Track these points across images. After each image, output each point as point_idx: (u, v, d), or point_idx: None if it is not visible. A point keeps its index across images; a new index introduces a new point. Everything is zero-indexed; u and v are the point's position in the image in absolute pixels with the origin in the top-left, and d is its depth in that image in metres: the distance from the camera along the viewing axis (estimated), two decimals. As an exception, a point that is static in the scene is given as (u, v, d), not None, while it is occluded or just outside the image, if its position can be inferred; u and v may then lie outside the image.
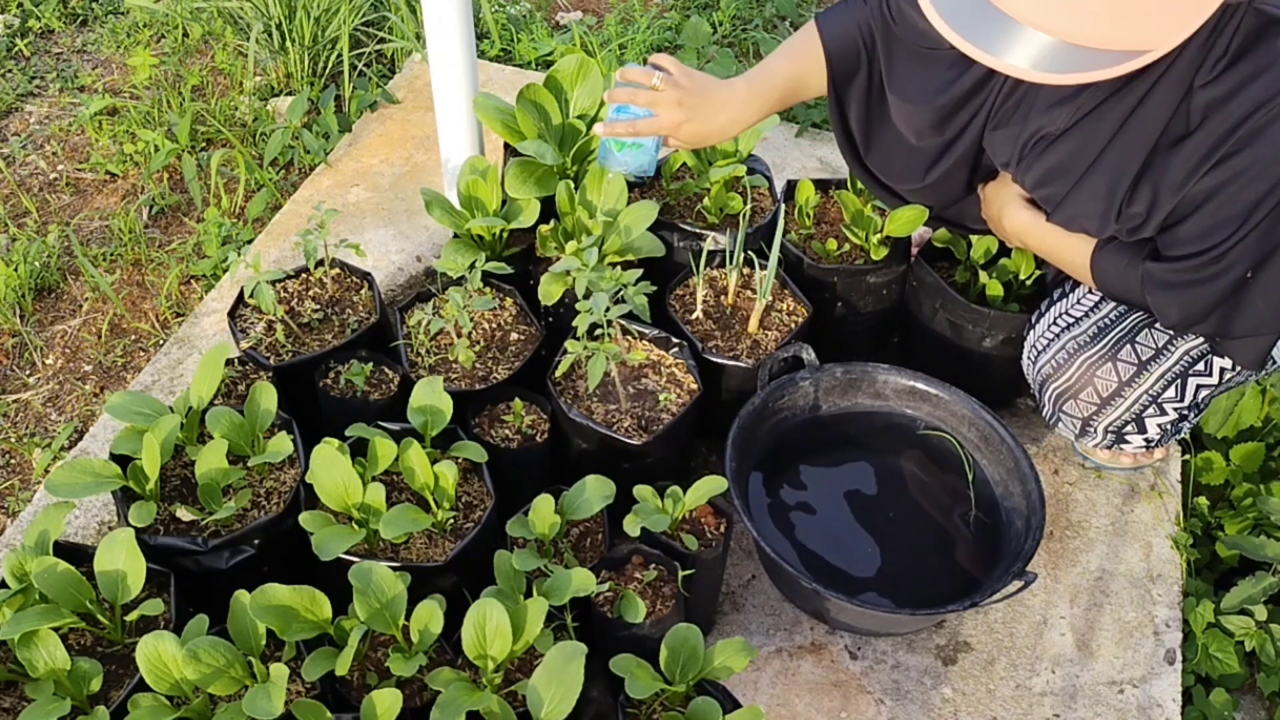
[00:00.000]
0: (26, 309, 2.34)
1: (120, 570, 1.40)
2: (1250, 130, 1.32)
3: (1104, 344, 1.65)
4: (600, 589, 1.46)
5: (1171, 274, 1.46)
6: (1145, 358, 1.63)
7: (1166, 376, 1.63)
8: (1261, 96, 1.31)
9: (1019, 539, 1.65)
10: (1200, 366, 1.63)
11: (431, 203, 1.89)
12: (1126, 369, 1.64)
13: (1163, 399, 1.66)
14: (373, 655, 1.45)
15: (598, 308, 1.62)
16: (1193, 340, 1.61)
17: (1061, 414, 1.75)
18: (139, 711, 1.28)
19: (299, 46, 2.84)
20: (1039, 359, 1.74)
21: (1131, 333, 1.65)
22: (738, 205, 1.97)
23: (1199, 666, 1.74)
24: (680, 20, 3.17)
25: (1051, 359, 1.71)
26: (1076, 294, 1.74)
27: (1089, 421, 1.73)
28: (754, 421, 1.75)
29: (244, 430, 1.58)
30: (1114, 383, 1.66)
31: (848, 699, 1.65)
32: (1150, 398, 1.66)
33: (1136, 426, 1.71)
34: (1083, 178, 1.51)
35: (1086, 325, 1.69)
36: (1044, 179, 1.56)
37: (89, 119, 2.76)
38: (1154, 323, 1.64)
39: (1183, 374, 1.63)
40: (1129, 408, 1.68)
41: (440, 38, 1.93)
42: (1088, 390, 1.68)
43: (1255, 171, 1.33)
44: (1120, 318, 1.67)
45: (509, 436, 1.71)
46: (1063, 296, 1.76)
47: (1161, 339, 1.63)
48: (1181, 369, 1.63)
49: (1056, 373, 1.71)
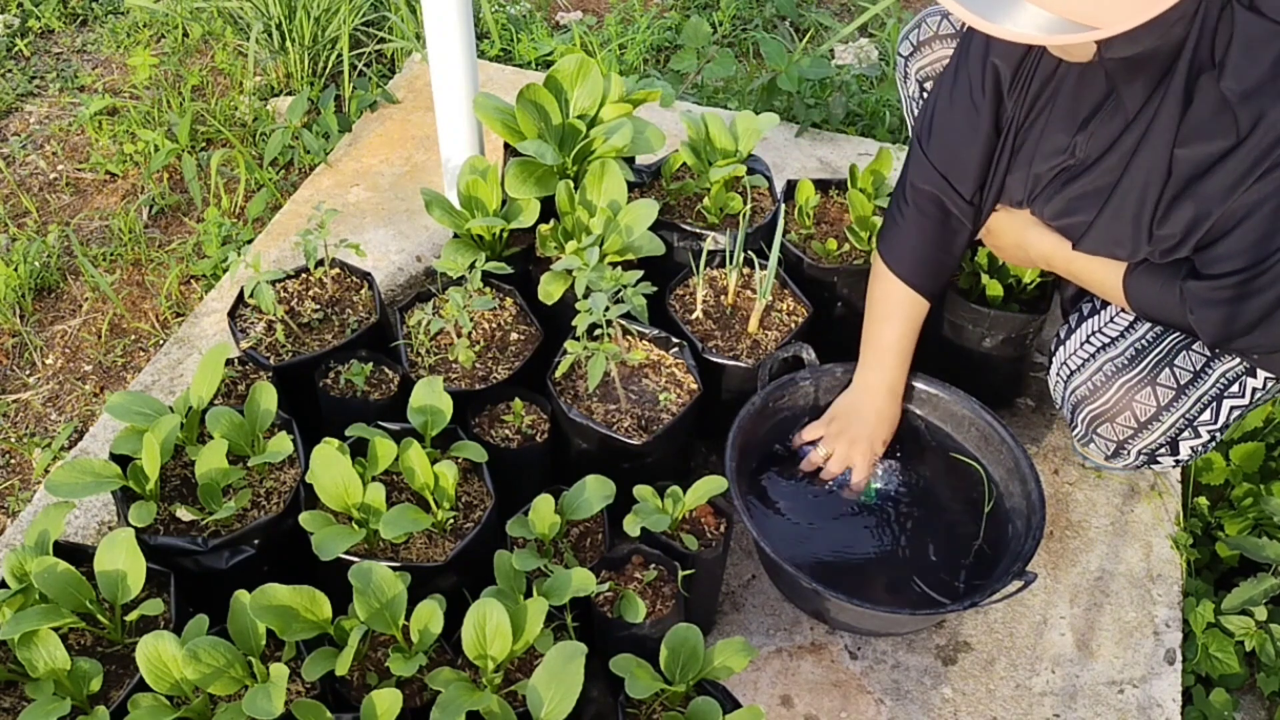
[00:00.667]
0: (26, 309, 2.34)
1: (120, 570, 1.40)
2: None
3: (1143, 367, 1.61)
4: (600, 589, 1.46)
5: (1215, 291, 1.43)
6: (1184, 382, 1.59)
7: (1203, 400, 1.60)
8: None
9: (1019, 539, 1.65)
10: (1235, 388, 1.60)
11: (431, 203, 1.89)
12: (1165, 393, 1.60)
13: (1198, 422, 1.62)
14: (373, 655, 1.45)
15: (597, 308, 1.62)
16: (1229, 362, 1.58)
17: (1096, 436, 1.71)
18: (139, 711, 1.28)
19: (299, 46, 2.85)
20: (1072, 380, 1.69)
21: (1170, 355, 1.60)
22: (738, 205, 1.97)
23: (1199, 666, 1.74)
24: (680, 20, 3.17)
25: (1088, 381, 1.66)
26: (1108, 312, 1.69)
27: (1124, 444, 1.69)
28: (754, 421, 1.75)
29: (244, 430, 1.58)
30: (1153, 407, 1.61)
31: (848, 699, 1.65)
32: (1186, 421, 1.62)
33: (1170, 449, 1.67)
34: (1105, 205, 1.49)
35: (1123, 347, 1.63)
36: (1065, 210, 1.55)
37: (89, 119, 2.76)
38: (1191, 344, 1.60)
39: (1219, 397, 1.60)
40: (1165, 431, 1.63)
41: (440, 38, 1.93)
42: (1125, 415, 1.63)
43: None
44: (1157, 339, 1.62)
45: (509, 436, 1.71)
46: (1094, 313, 1.70)
47: (1199, 362, 1.59)
48: (1218, 392, 1.60)
49: (1093, 395, 1.66)
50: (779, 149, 2.62)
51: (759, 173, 2.05)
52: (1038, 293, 1.90)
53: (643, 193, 2.05)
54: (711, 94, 2.88)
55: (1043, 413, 2.06)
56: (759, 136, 1.99)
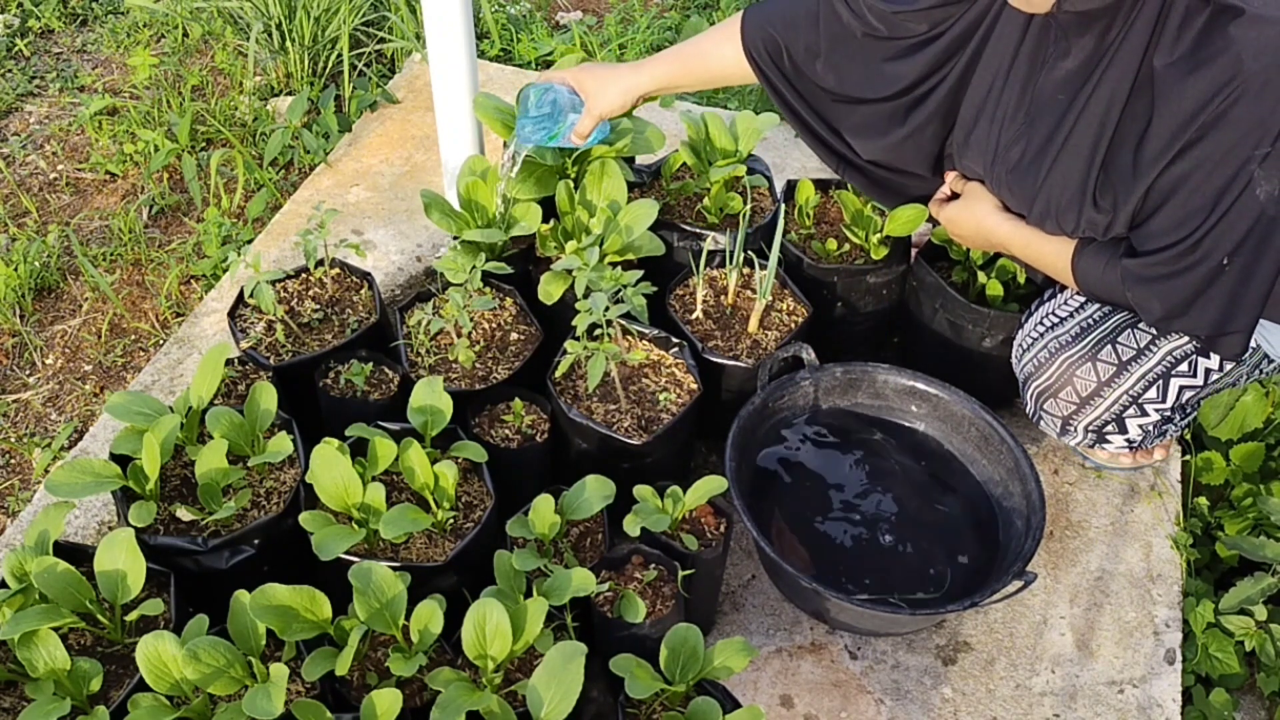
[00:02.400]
0: (26, 309, 2.34)
1: (120, 570, 1.40)
2: (1211, 116, 1.32)
3: (1085, 344, 1.66)
4: (600, 589, 1.46)
5: (1149, 268, 1.46)
6: (1126, 358, 1.63)
7: (1148, 377, 1.64)
8: (1220, 79, 1.30)
9: (1019, 539, 1.65)
10: (1184, 368, 1.63)
11: (431, 205, 1.89)
12: (1106, 369, 1.65)
13: (1143, 399, 1.66)
14: (373, 655, 1.45)
15: (597, 308, 1.62)
16: (1177, 340, 1.62)
17: (1042, 412, 1.77)
18: (139, 711, 1.28)
19: (299, 46, 2.85)
20: (1023, 357, 1.75)
21: (1113, 333, 1.66)
22: (738, 205, 1.97)
23: (1199, 666, 1.74)
24: (680, 20, 3.17)
25: (1034, 357, 1.73)
26: (1065, 294, 1.75)
27: (1069, 420, 1.74)
28: (754, 421, 1.75)
29: (244, 430, 1.58)
30: (1093, 382, 1.67)
31: (848, 699, 1.65)
32: (1130, 398, 1.66)
33: (1117, 426, 1.72)
34: (1053, 166, 1.51)
35: (1070, 325, 1.70)
36: (1017, 174, 1.57)
37: (89, 119, 2.76)
38: (1137, 323, 1.64)
39: (1165, 375, 1.63)
40: (1109, 408, 1.68)
41: (440, 38, 1.93)
42: (1067, 389, 1.69)
43: (1219, 158, 1.33)
44: (1104, 318, 1.67)
45: (509, 436, 1.71)
46: (1052, 297, 1.77)
47: (1144, 339, 1.63)
48: (1164, 369, 1.63)
49: (1038, 371, 1.72)
50: (779, 149, 2.62)
51: (759, 173, 2.05)
52: (1033, 291, 1.90)
53: (643, 193, 2.05)
54: (711, 94, 2.89)
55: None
56: (759, 136, 1.99)
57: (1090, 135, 1.45)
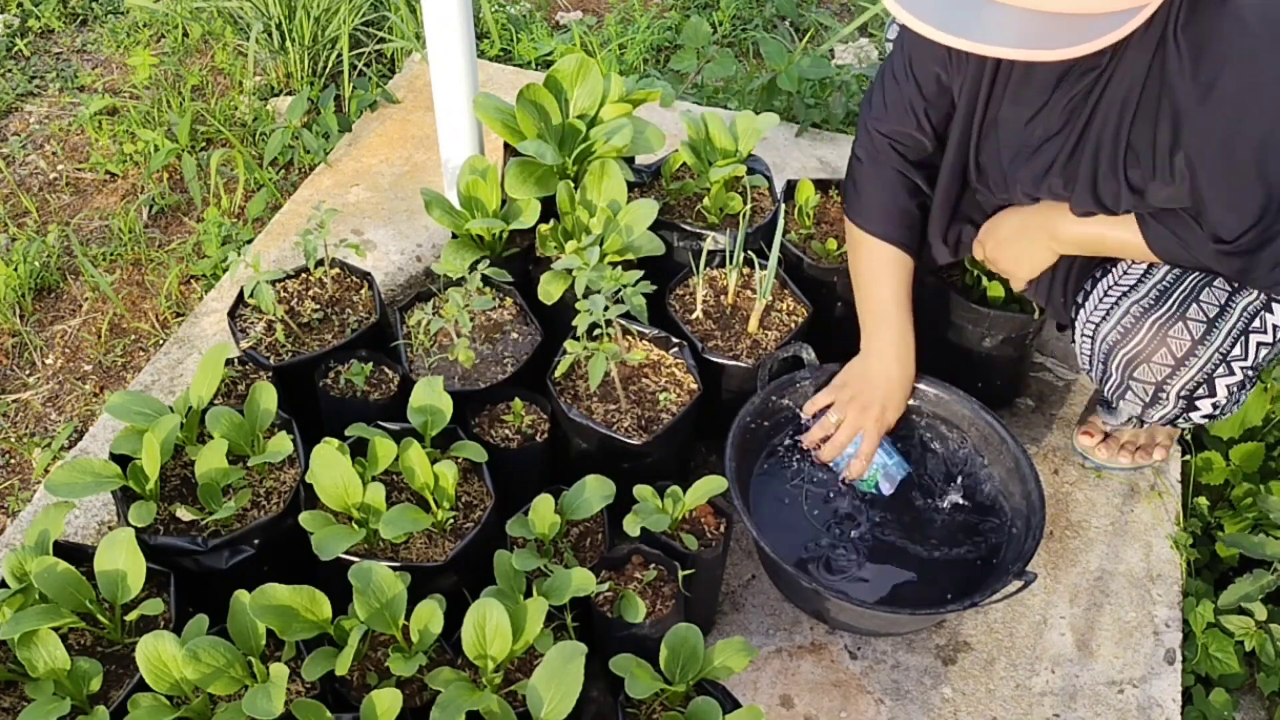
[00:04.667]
0: (26, 309, 2.34)
1: (120, 570, 1.40)
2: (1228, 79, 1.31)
3: (1170, 304, 1.58)
4: (600, 589, 1.46)
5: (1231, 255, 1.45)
6: (1212, 315, 1.57)
7: (1233, 334, 1.57)
8: (1231, 41, 1.31)
9: (1019, 539, 1.65)
10: (1256, 323, 1.58)
11: (431, 203, 1.89)
12: (1198, 327, 1.57)
13: (1231, 357, 1.59)
14: (373, 655, 1.45)
15: (597, 308, 1.62)
16: (1248, 295, 1.57)
17: (1132, 381, 1.66)
18: (139, 711, 1.28)
19: (299, 46, 2.85)
20: (1100, 330, 1.65)
21: (1194, 291, 1.58)
22: (738, 205, 1.97)
23: (1199, 666, 1.74)
24: (680, 20, 3.17)
25: (1117, 325, 1.62)
26: (1121, 266, 1.67)
27: (1162, 386, 1.63)
28: (754, 421, 1.75)
29: (244, 430, 1.58)
30: (1187, 342, 1.58)
31: (848, 699, 1.65)
32: (1220, 356, 1.58)
33: (1208, 389, 1.63)
34: (1080, 159, 1.51)
35: (1146, 289, 1.61)
36: (1045, 173, 1.57)
37: (89, 119, 2.76)
38: (1211, 281, 1.58)
39: (1245, 330, 1.58)
40: (1202, 368, 1.60)
41: (440, 38, 1.93)
42: (1161, 352, 1.60)
43: (1256, 112, 1.32)
44: (1178, 279, 1.60)
45: (509, 436, 1.71)
46: (1105, 274, 1.68)
47: (1222, 296, 1.58)
48: (1244, 325, 1.57)
49: (1125, 338, 1.61)
50: (779, 149, 2.62)
51: (759, 173, 2.05)
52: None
53: (643, 193, 2.05)
54: (711, 94, 2.88)
55: (1043, 413, 2.06)
56: (759, 136, 1.99)
57: (1116, 119, 1.45)
